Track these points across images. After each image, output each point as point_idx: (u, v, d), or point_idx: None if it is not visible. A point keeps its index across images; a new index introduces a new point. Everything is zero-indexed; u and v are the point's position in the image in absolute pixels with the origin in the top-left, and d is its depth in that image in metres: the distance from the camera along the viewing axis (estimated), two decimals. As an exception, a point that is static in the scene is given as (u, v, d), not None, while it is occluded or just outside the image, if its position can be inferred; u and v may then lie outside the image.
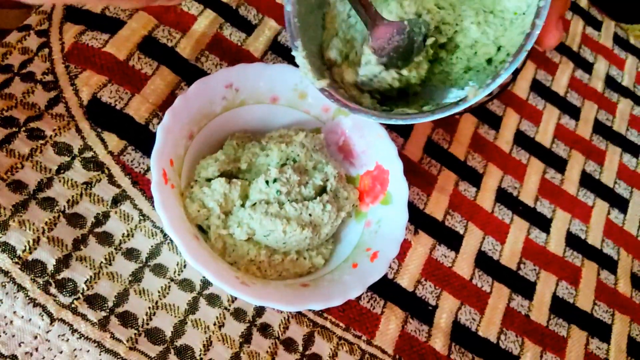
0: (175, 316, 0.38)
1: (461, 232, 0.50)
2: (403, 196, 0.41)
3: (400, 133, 0.51)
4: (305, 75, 0.39)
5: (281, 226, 0.37)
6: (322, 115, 0.45)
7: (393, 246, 0.40)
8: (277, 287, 0.37)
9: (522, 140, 0.57)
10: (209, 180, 0.40)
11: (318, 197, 0.40)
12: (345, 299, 0.37)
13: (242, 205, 0.39)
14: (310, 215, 0.39)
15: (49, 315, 0.35)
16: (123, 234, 0.39)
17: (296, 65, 0.39)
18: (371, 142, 0.43)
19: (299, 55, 0.39)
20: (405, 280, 0.46)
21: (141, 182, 0.41)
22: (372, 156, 0.44)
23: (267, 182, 0.39)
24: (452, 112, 0.35)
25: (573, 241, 0.54)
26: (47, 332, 0.35)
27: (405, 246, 0.46)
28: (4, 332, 0.34)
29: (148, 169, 0.42)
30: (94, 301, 0.36)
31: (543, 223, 0.53)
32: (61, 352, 0.35)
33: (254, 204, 0.39)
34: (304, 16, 0.40)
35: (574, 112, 0.61)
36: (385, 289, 0.44)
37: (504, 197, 0.53)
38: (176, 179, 0.38)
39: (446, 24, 0.42)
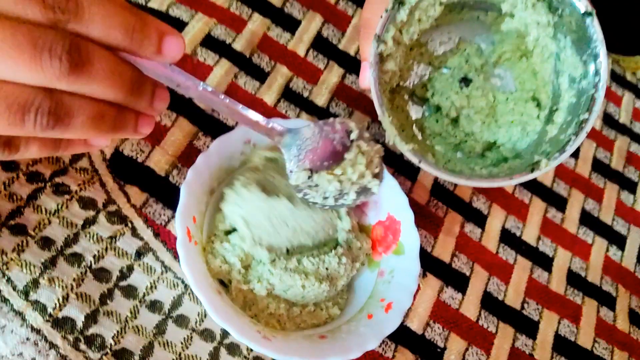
0: (198, 367, 0.39)
1: (467, 273, 0.51)
2: (415, 247, 0.43)
3: (408, 176, 0.53)
4: (392, 139, 0.41)
5: (300, 281, 0.39)
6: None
7: (406, 297, 0.41)
8: (297, 340, 0.38)
9: (524, 179, 0.59)
10: (227, 233, 0.42)
11: (333, 250, 0.42)
12: (362, 351, 0.38)
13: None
14: (326, 268, 0.40)
15: (79, 371, 0.36)
16: (147, 286, 0.41)
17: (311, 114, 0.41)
18: (383, 192, 0.45)
19: (385, 120, 0.41)
20: (415, 323, 0.47)
21: (162, 234, 0.43)
22: (384, 206, 0.45)
23: (285, 237, 0.40)
24: (527, 178, 0.42)
25: (574, 279, 0.56)
26: (77, 387, 0.36)
27: (414, 289, 0.48)
28: (36, 388, 0.36)
29: (169, 221, 0.43)
30: (122, 356, 0.38)
31: (545, 262, 0.55)
32: (90, 406, 0.36)
33: (274, 260, 0.40)
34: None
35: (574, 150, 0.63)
36: (396, 332, 0.46)
37: (507, 237, 0.55)
38: (198, 234, 0.40)
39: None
